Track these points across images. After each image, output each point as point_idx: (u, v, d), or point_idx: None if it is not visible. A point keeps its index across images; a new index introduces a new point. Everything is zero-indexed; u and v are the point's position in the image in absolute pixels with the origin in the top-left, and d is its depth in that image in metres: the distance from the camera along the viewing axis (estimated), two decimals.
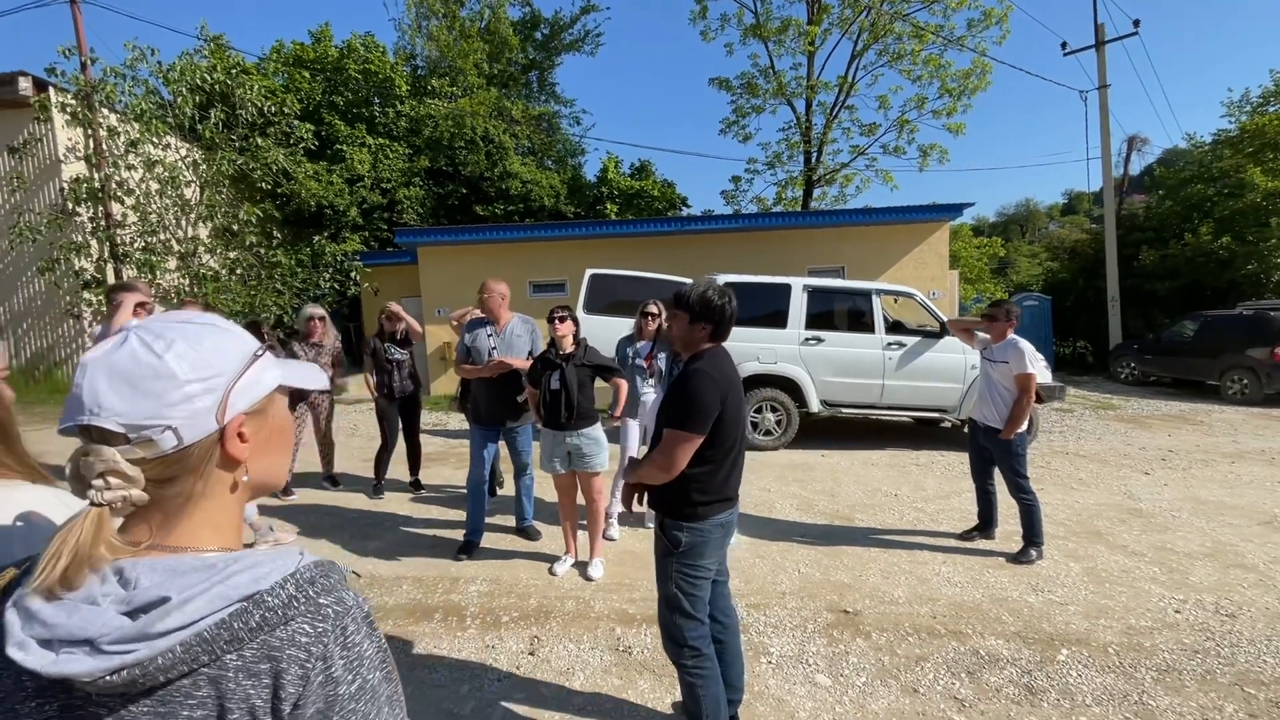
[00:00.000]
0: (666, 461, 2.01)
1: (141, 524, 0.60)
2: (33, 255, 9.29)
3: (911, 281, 10.21)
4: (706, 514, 2.07)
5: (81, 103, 9.15)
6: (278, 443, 0.69)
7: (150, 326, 0.61)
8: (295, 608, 0.57)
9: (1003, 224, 53.74)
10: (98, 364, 0.57)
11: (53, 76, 9.12)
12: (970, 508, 4.57)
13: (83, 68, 9.47)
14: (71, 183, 9.08)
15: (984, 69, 15.42)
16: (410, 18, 19.15)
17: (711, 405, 1.97)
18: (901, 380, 6.84)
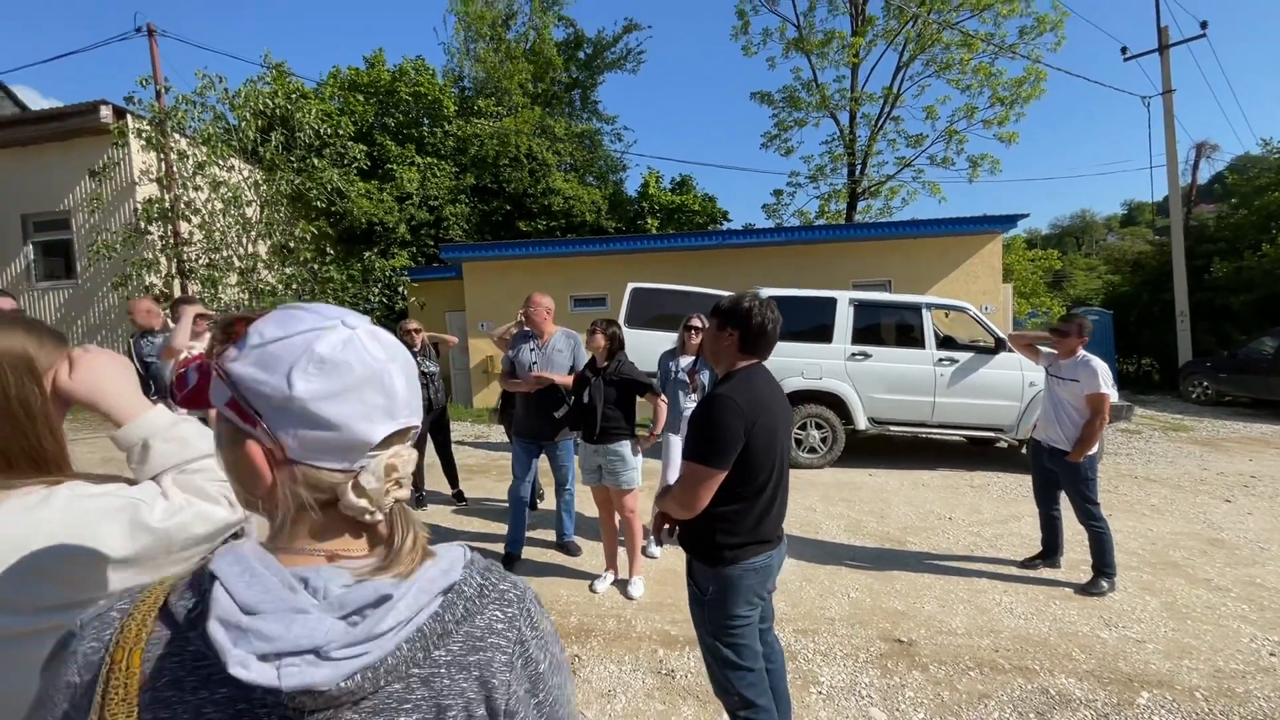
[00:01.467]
0: (685, 497, 1.78)
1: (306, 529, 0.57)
2: (108, 271, 9.87)
3: (962, 295, 9.88)
4: (735, 559, 1.81)
5: (155, 128, 9.73)
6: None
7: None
8: (487, 595, 0.60)
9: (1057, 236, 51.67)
10: (400, 364, 0.58)
11: (131, 104, 9.73)
12: (1031, 533, 4.33)
13: (157, 96, 10.09)
14: (144, 203, 9.64)
15: (1038, 76, 14.93)
16: (459, 41, 19.81)
17: (733, 437, 1.72)
18: (954, 398, 6.57)
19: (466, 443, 7.99)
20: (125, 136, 9.67)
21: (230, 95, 10.61)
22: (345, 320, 0.57)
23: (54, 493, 0.79)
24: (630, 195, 19.41)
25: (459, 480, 5.48)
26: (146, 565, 0.82)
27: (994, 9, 14.96)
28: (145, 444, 0.94)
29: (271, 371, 0.53)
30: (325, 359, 0.53)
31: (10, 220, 10.57)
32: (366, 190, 14.10)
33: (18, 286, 10.57)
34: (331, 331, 0.55)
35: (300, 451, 0.53)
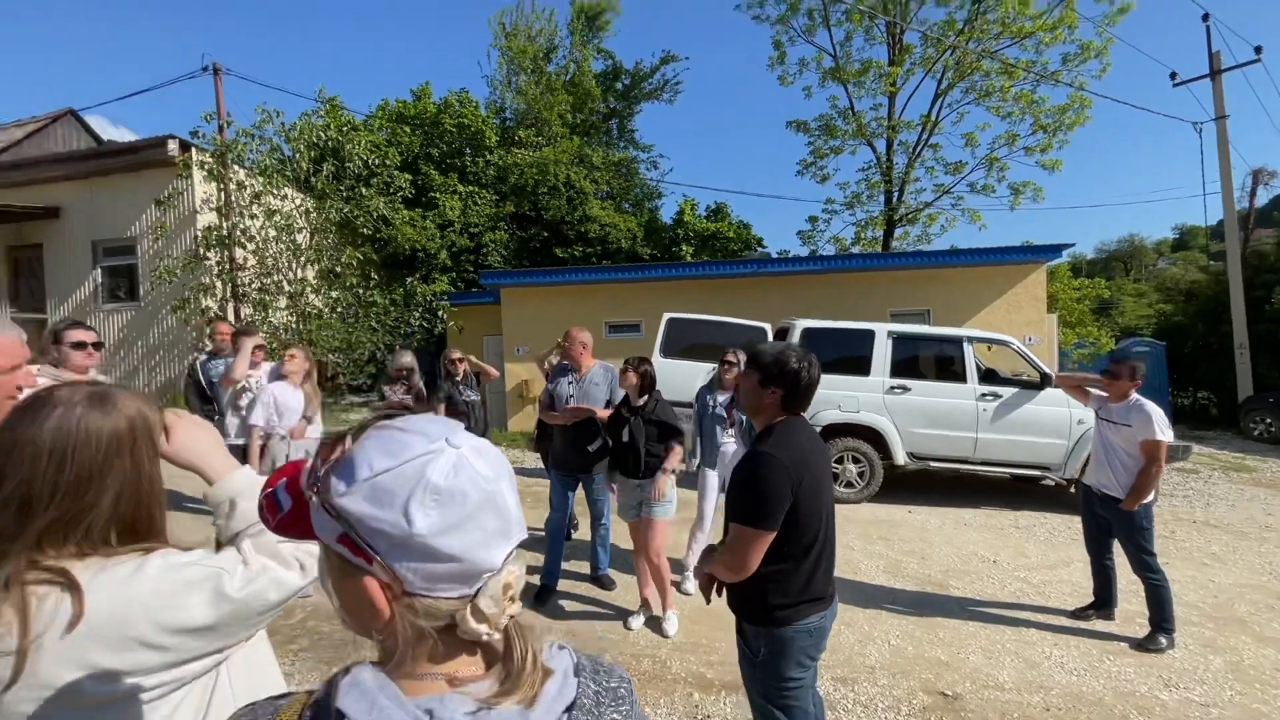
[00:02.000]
0: (735, 561, 1.74)
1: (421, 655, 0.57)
2: (168, 294, 10.39)
3: (1004, 326, 9.65)
4: (788, 619, 1.77)
5: (217, 161, 10.29)
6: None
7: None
8: (603, 701, 0.61)
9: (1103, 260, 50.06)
10: (508, 478, 0.58)
11: (195, 138, 10.33)
12: (1082, 580, 4.16)
13: (220, 130, 10.69)
14: (204, 231, 10.16)
15: (1082, 104, 14.68)
16: (501, 74, 20.49)
17: (781, 496, 1.69)
18: (997, 434, 6.39)
19: None
20: (189, 168, 10.25)
21: (286, 128, 11.19)
22: (450, 439, 0.56)
23: (147, 561, 0.85)
24: (665, 222, 19.63)
25: None
26: (224, 631, 0.87)
27: (1036, 37, 14.82)
28: (233, 501, 1.02)
29: (387, 507, 0.52)
30: (441, 489, 0.52)
31: (83, 246, 11.24)
32: (410, 218, 14.58)
33: (86, 307, 11.20)
34: (440, 456, 0.54)
35: (419, 584, 0.53)
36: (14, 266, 11.75)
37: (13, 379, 1.24)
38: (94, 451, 0.85)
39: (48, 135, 19.09)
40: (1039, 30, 14.68)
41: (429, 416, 0.61)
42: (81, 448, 0.84)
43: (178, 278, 9.91)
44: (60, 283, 11.38)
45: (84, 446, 0.84)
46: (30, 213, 11.05)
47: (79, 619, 0.76)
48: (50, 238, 11.36)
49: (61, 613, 0.76)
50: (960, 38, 15.20)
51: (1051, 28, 14.65)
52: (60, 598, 0.77)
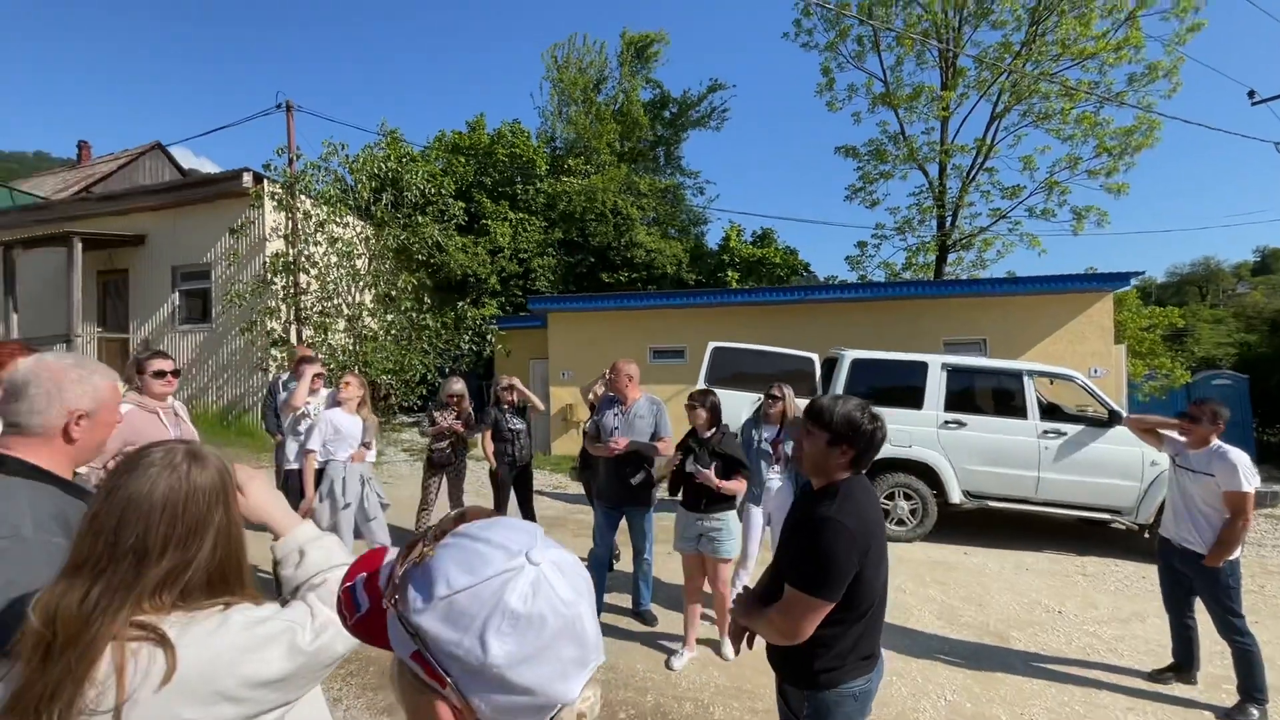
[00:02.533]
0: (788, 626, 1.64)
1: None
2: (237, 317, 10.99)
3: (1067, 357, 9.21)
4: (833, 681, 1.68)
5: (286, 191, 10.92)
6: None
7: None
8: None
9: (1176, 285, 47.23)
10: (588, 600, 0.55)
11: (267, 171, 11.01)
12: (1159, 637, 3.87)
13: (290, 163, 11.36)
14: (272, 257, 10.76)
15: (1151, 125, 14.05)
16: (553, 105, 21.13)
17: (847, 567, 1.61)
18: (1062, 473, 6.06)
19: (545, 493, 8.13)
20: (261, 199, 10.90)
21: (350, 160, 11.80)
22: (530, 555, 0.53)
23: (229, 616, 0.89)
24: (711, 248, 19.70)
25: None
26: (295, 683, 0.92)
27: (1099, 58, 14.33)
28: (301, 551, 1.09)
29: (464, 631, 0.49)
30: (519, 615, 0.49)
31: (164, 271, 12.04)
32: (463, 244, 15.08)
33: (163, 329, 11.95)
34: (520, 575, 0.51)
35: (492, 715, 0.50)
36: (103, 290, 12.66)
37: (116, 416, 1.35)
38: (200, 505, 0.92)
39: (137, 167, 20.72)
40: (1102, 51, 14.19)
41: (511, 523, 0.58)
42: (190, 502, 0.91)
43: (246, 301, 10.49)
44: (142, 305, 12.20)
45: (192, 501, 0.91)
46: (119, 240, 11.92)
47: (171, 675, 0.80)
48: (136, 263, 12.22)
49: (155, 669, 0.80)
50: (1017, 60, 14.83)
51: (1116, 48, 14.14)
52: (153, 653, 0.81)
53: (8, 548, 1.09)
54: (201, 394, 11.62)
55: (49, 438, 1.23)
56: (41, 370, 1.24)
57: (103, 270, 12.42)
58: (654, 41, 21.45)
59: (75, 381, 1.25)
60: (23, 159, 72.90)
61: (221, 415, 11.32)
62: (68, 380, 1.24)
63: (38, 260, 12.02)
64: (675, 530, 3.76)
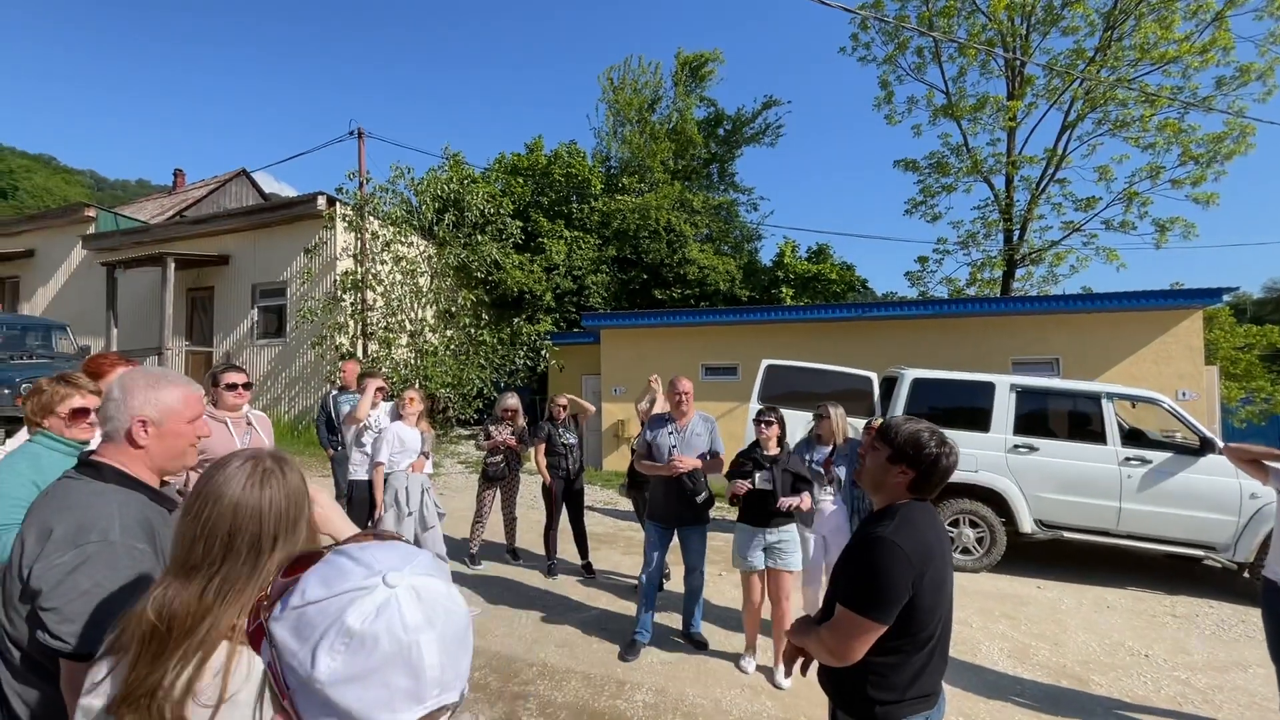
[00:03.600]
0: (839, 646, 1.61)
1: None
2: (309, 332, 11.60)
3: (1151, 379, 8.62)
4: (889, 715, 1.63)
5: (356, 213, 11.52)
6: None
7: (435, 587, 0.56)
8: None
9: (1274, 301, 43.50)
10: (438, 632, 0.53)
11: (339, 194, 11.66)
12: (1263, 689, 3.53)
13: (360, 186, 12.00)
14: (343, 276, 11.34)
15: (1243, 130, 13.11)
16: (608, 125, 21.54)
17: (900, 588, 1.56)
18: (1147, 505, 5.63)
19: (596, 509, 8.15)
20: (333, 220, 11.53)
21: (415, 183, 12.37)
22: (387, 577, 0.53)
23: None
24: (765, 264, 19.50)
25: (589, 552, 5.58)
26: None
27: (1182, 62, 13.52)
28: None
29: (303, 642, 0.50)
30: (354, 633, 0.49)
31: (244, 288, 12.87)
32: (520, 262, 15.48)
33: (242, 343, 12.74)
34: (368, 595, 0.51)
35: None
36: (191, 306, 13.64)
37: (195, 429, 1.43)
38: (301, 500, 1.01)
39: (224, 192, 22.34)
40: (1185, 54, 13.38)
41: (396, 546, 0.58)
42: (292, 498, 0.99)
43: (317, 317, 11.07)
44: (225, 320, 13.06)
45: (294, 498, 1.00)
46: (206, 260, 12.84)
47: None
48: (220, 282, 13.11)
49: (254, 671, 0.84)
50: (1091, 67, 14.16)
51: (1201, 50, 13.32)
52: (251, 657, 0.85)
53: (97, 552, 1.17)
54: (274, 405, 12.28)
55: (121, 444, 1.32)
56: (121, 380, 1.35)
57: (191, 288, 13.39)
58: (708, 60, 21.61)
59: (143, 389, 1.33)
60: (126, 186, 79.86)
61: (292, 426, 11.93)
62: (136, 388, 1.33)
63: (135, 279, 13.08)
64: (734, 548, 3.79)
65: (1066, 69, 14.32)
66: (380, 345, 11.39)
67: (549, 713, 3.20)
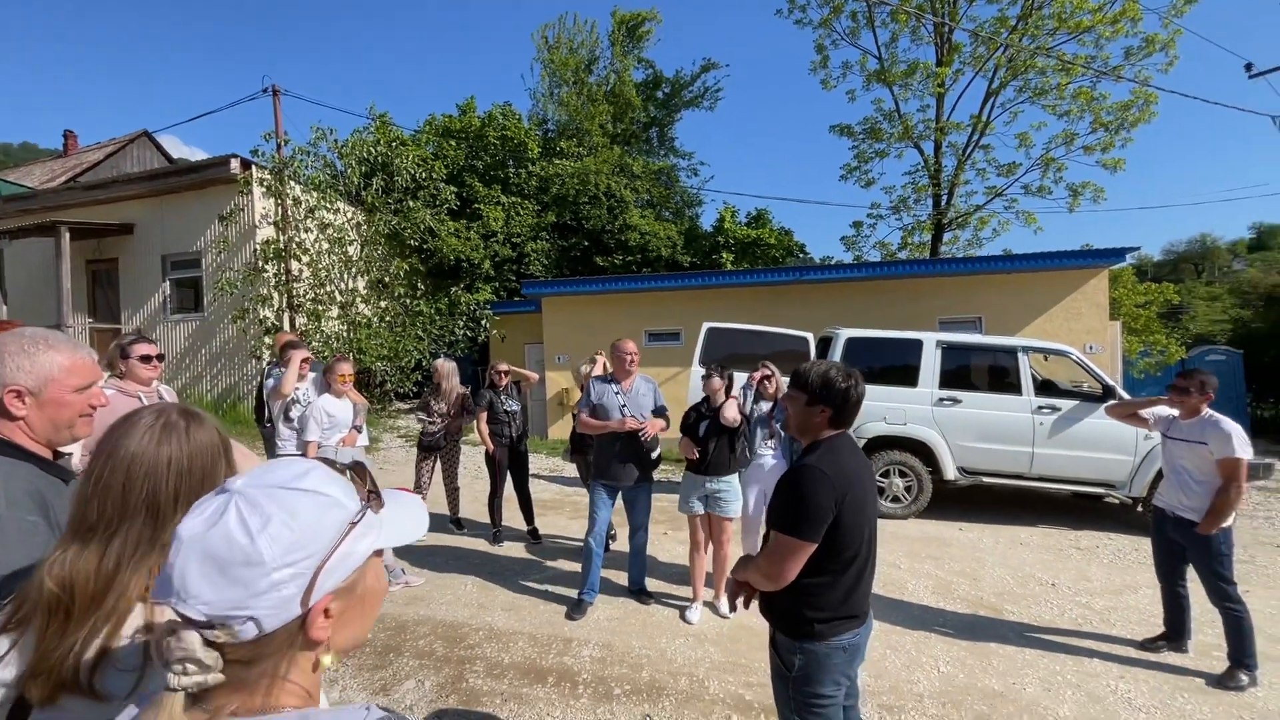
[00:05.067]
0: (773, 569, 1.74)
1: (222, 693, 0.58)
2: (228, 306, 10.91)
3: (1063, 334, 9.21)
4: (824, 634, 1.76)
5: (275, 177, 10.78)
6: (367, 608, 0.66)
7: (251, 496, 0.58)
8: None
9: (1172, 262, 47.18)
10: (193, 544, 0.55)
11: (255, 157, 10.86)
12: (1151, 608, 3.91)
13: (278, 148, 11.21)
14: (263, 244, 10.65)
15: (1147, 99, 13.93)
16: (544, 87, 20.86)
17: (824, 508, 1.69)
18: (1056, 449, 6.08)
19: (542, 476, 8.14)
20: (249, 185, 10.76)
21: (339, 145, 11.66)
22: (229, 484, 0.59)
23: None
24: (706, 230, 19.57)
25: (534, 517, 5.58)
26: None
27: (1095, 31, 14.16)
28: None
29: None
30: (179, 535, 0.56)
31: (153, 260, 11.92)
32: (455, 229, 14.95)
33: (154, 319, 11.86)
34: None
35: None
36: (92, 279, 12.55)
37: (86, 398, 1.30)
38: (205, 459, 0.94)
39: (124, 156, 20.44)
40: (1098, 24, 14.02)
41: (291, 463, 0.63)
42: (197, 455, 0.93)
43: (238, 289, 10.40)
44: (133, 295, 12.09)
45: (197, 455, 0.93)
46: (107, 229, 11.78)
47: None
48: (125, 252, 12.08)
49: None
50: (1013, 35, 14.65)
51: (1113, 21, 13.97)
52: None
53: None
54: (195, 384, 11.57)
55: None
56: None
57: (91, 260, 12.30)
58: (645, 20, 21.13)
59: (14, 355, 1.19)
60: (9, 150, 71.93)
61: (215, 405, 11.28)
62: (6, 355, 1.19)
63: (25, 251, 11.90)
64: (681, 494, 4.05)
65: (990, 36, 14.77)
66: (309, 318, 10.83)
67: (496, 673, 3.22)
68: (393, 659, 3.36)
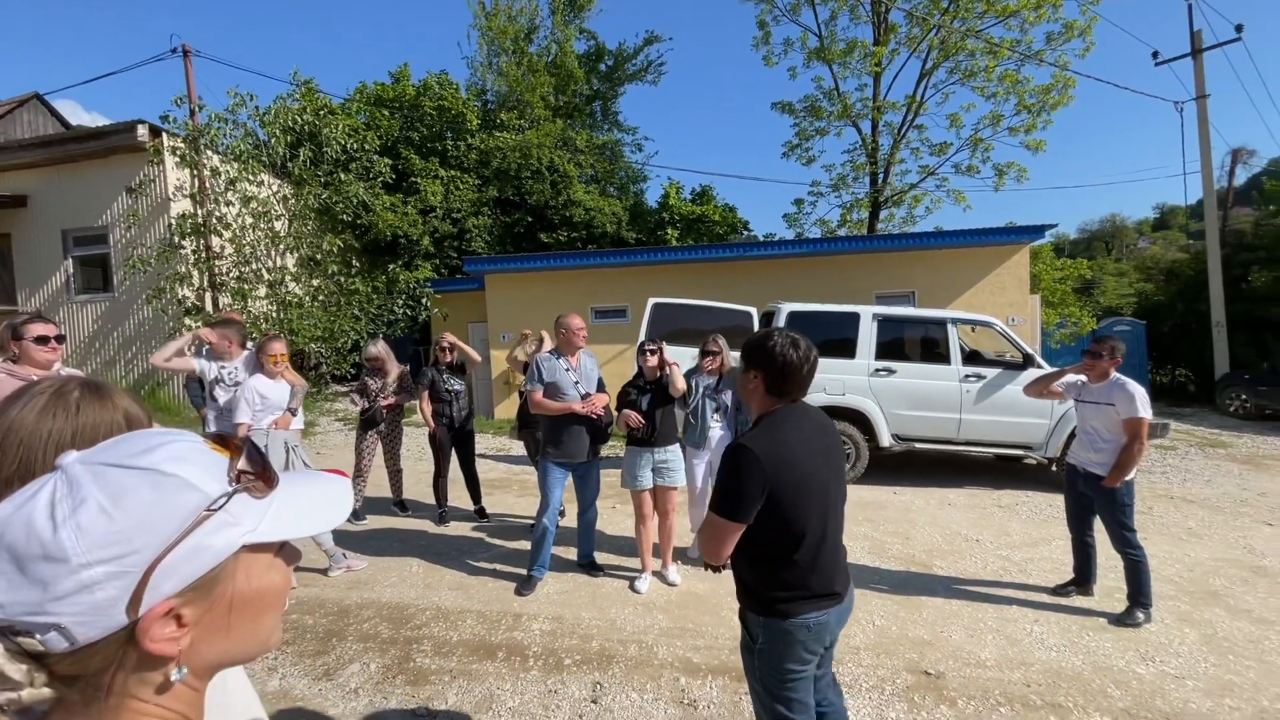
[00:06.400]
0: (707, 546, 1.74)
1: (57, 714, 0.48)
2: (142, 285, 10.16)
3: (989, 307, 9.71)
4: (786, 612, 1.71)
5: (189, 146, 10.02)
6: (248, 616, 0.53)
7: (74, 474, 0.48)
8: None
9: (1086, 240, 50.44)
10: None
11: (166, 123, 10.05)
12: (1062, 557, 4.23)
13: (191, 114, 10.41)
14: (178, 218, 9.91)
15: (1066, 83, 14.69)
16: (482, 55, 20.08)
17: (749, 492, 1.63)
18: (981, 414, 6.45)
19: (488, 456, 8.04)
20: (160, 154, 9.96)
21: (261, 112, 10.92)
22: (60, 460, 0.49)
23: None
24: (651, 206, 19.49)
25: (481, 496, 5.52)
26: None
27: (1020, 15, 14.75)
28: None
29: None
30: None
31: (52, 235, 10.93)
32: (391, 204, 14.34)
33: (57, 299, 10.93)
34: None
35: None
36: None
37: None
38: (98, 437, 0.81)
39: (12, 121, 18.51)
40: (1023, 9, 14.61)
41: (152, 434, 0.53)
42: (85, 432, 0.81)
43: (152, 267, 9.69)
44: (30, 274, 11.09)
45: (86, 432, 0.81)
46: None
47: None
48: (18, 227, 11.04)
49: None
50: (945, 17, 15.09)
51: (1036, 5, 14.58)
52: None
53: None
54: (108, 368, 10.78)
55: None
56: None
57: None
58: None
59: None
60: None
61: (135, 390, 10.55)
62: None
63: None
64: (624, 469, 4.04)
65: (924, 17, 15.17)
66: (234, 297, 10.21)
67: (444, 652, 3.19)
68: (335, 644, 3.28)
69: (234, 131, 10.55)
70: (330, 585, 4.04)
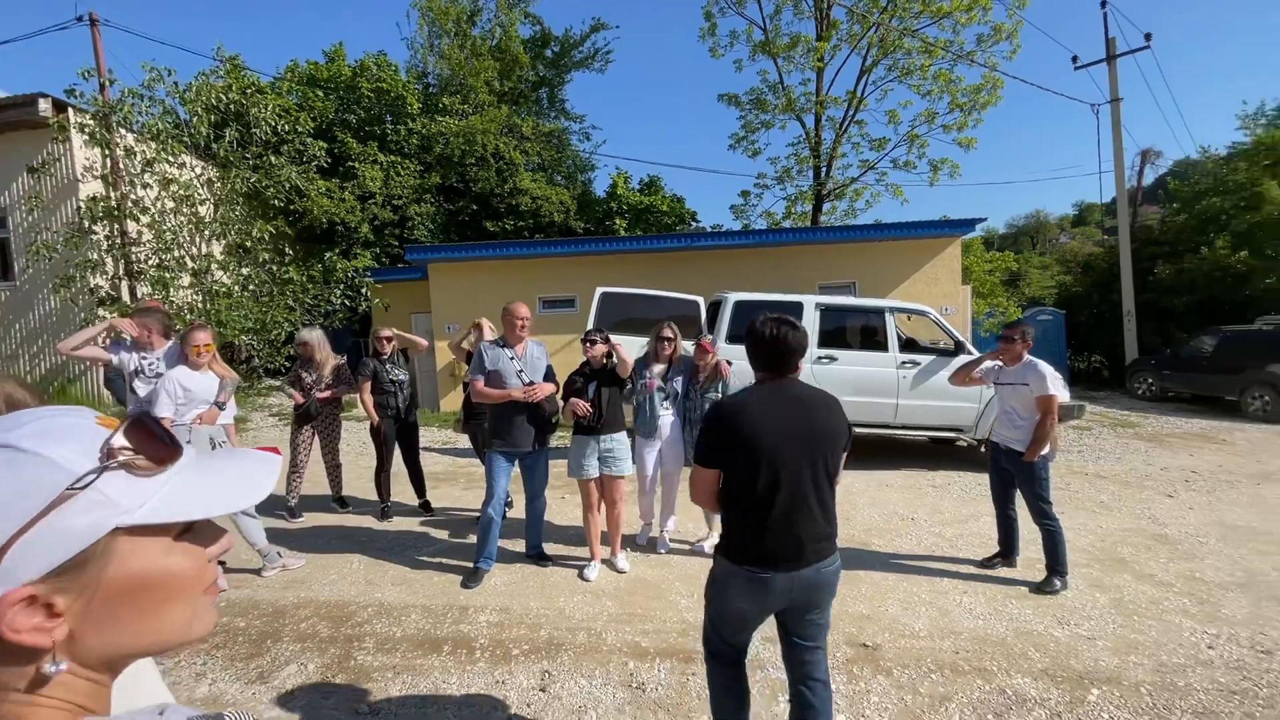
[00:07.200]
0: (691, 488, 2.06)
1: None
2: (49, 272, 9.40)
3: (924, 297, 10.12)
4: (730, 556, 1.95)
5: (99, 123, 9.31)
6: (142, 603, 0.49)
7: None
8: None
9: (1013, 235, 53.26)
10: None
11: (72, 98, 9.29)
12: (989, 532, 4.46)
13: (101, 89, 9.66)
14: (88, 201, 9.20)
15: (995, 84, 15.38)
16: (423, 37, 19.42)
17: (712, 440, 1.92)
18: (916, 399, 6.74)
19: (433, 449, 7.86)
20: (66, 131, 9.21)
21: (180, 89, 10.23)
22: None
23: None
24: (599, 195, 19.36)
25: (426, 490, 5.39)
26: None
27: (953, 17, 15.34)
28: None
29: None
30: None
31: None
32: (327, 189, 13.75)
33: None
34: None
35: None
36: None
37: None
38: None
39: None
40: (956, 10, 15.18)
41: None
42: None
43: (59, 253, 8.98)
44: None
45: None
46: None
47: None
48: None
49: None
50: (884, 15, 15.53)
51: (967, 8, 15.18)
52: None
53: None
54: (9, 363, 9.95)
55: None
56: None
57: None
58: None
59: None
60: None
61: (43, 385, 9.78)
62: None
63: None
64: (570, 459, 4.01)
65: (864, 14, 15.57)
66: (153, 286, 9.56)
67: (387, 648, 3.11)
68: (270, 645, 3.15)
69: (151, 109, 9.85)
70: (264, 585, 3.87)
